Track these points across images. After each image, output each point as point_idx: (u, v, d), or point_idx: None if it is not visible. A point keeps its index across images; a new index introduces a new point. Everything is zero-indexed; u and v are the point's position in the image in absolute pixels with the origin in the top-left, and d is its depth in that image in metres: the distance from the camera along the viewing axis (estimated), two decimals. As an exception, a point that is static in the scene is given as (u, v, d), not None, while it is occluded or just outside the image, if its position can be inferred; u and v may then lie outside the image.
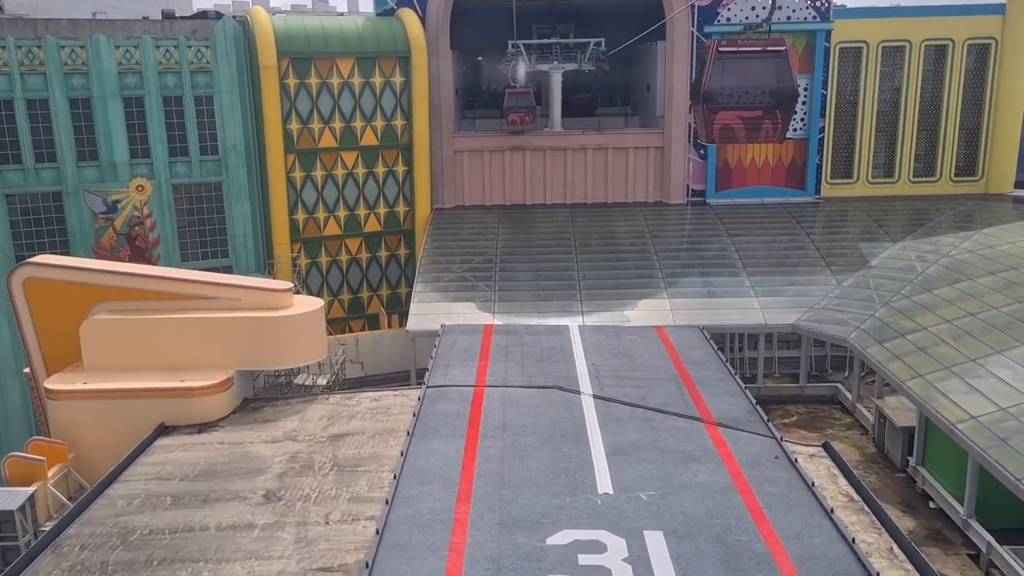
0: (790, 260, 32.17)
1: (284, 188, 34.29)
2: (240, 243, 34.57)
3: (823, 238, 33.72)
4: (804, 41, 36.55)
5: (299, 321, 21.20)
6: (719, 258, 32.49)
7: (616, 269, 31.94)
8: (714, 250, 33.35)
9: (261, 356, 20.91)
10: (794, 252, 32.75)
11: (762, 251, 32.90)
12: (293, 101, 33.70)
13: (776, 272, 31.00)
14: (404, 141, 36.22)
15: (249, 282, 22.17)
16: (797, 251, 32.85)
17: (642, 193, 38.61)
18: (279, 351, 21.05)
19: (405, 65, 35.19)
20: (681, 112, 37.12)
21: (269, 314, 20.94)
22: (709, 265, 31.95)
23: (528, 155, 38.11)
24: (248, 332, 20.63)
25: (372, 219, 36.65)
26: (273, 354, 21.05)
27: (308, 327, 21.52)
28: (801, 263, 31.83)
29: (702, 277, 30.89)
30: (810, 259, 32.06)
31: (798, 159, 38.06)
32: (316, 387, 22.98)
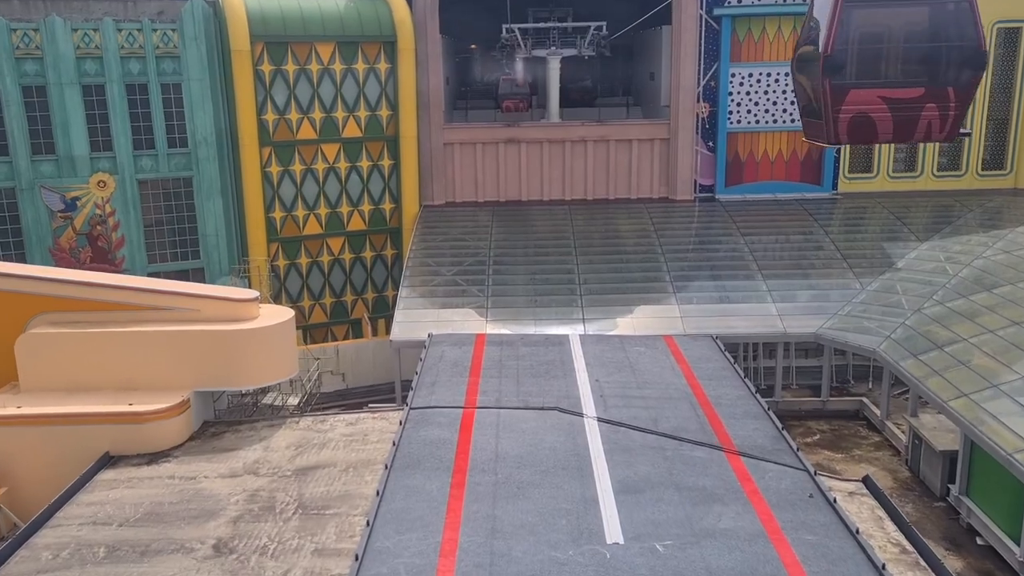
0: (808, 261, 30.21)
1: (259, 184, 32.21)
2: (212, 243, 32.48)
3: (843, 237, 31.75)
4: (821, 24, 34.40)
5: (266, 335, 19.12)
6: (731, 259, 30.50)
7: (620, 272, 29.93)
8: (726, 250, 31.36)
9: (222, 375, 18.82)
10: (812, 253, 30.77)
11: (778, 251, 30.93)
12: (268, 89, 31.58)
13: (794, 275, 29.03)
14: (390, 133, 34.14)
15: (209, 291, 20.08)
16: (815, 251, 30.88)
17: (646, 188, 36.61)
18: (243, 369, 18.95)
19: (391, 50, 33.09)
20: (688, 101, 35.11)
21: (231, 327, 18.85)
22: (721, 267, 29.95)
23: (524, 148, 36.06)
24: (207, 348, 18.54)
25: (356, 217, 34.58)
26: (236, 373, 18.95)
27: (276, 341, 19.43)
28: (820, 265, 29.86)
29: (713, 280, 28.89)
30: (830, 260, 30.09)
31: (814, 152, 36.03)
32: (286, 408, 20.90)
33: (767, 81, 35.10)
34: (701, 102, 35.29)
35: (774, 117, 35.51)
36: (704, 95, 35.29)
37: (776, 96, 35.24)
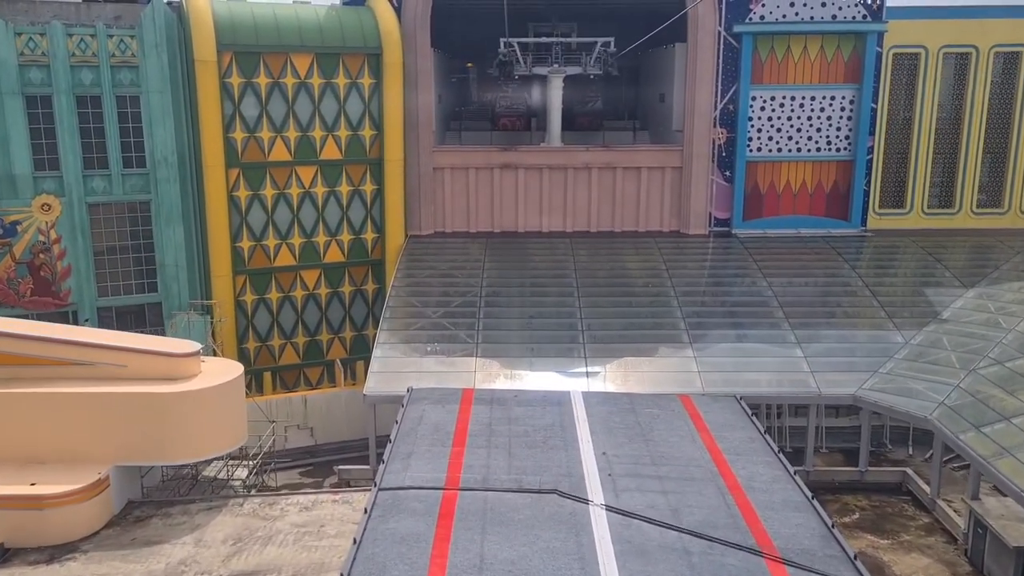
0: (840, 308, 27.47)
1: (225, 209, 29.42)
2: (171, 275, 29.62)
3: (876, 280, 29.01)
4: (851, 45, 32.05)
5: (207, 397, 16.23)
6: (753, 303, 27.72)
7: (627, 316, 27.14)
8: (746, 293, 28.58)
9: (152, 447, 15.92)
10: (845, 299, 28.03)
11: (805, 295, 28.18)
12: (237, 104, 28.88)
13: (825, 323, 26.25)
14: (373, 155, 31.44)
15: (138, 342, 17.16)
16: (847, 296, 28.13)
17: (656, 221, 33.91)
18: (177, 440, 16.04)
19: (375, 64, 30.46)
20: (704, 126, 32.52)
21: (165, 388, 15.97)
22: (741, 312, 27.16)
23: (522, 174, 33.39)
24: (134, 413, 15.65)
25: (334, 247, 31.77)
26: (169, 444, 16.03)
27: (220, 404, 16.53)
28: (854, 312, 27.13)
29: (734, 328, 26.08)
30: (864, 307, 27.32)
31: (841, 184, 33.42)
32: (232, 483, 17.89)
33: (791, 106, 32.57)
34: (718, 127, 32.72)
35: (798, 145, 32.94)
36: (721, 120, 32.72)
37: (801, 122, 32.70)
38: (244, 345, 31.07)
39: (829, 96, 32.47)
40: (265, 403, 25.68)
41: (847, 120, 32.65)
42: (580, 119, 37.74)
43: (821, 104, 32.54)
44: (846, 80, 32.32)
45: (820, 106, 32.54)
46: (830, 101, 32.52)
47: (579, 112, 38.22)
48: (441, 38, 36.07)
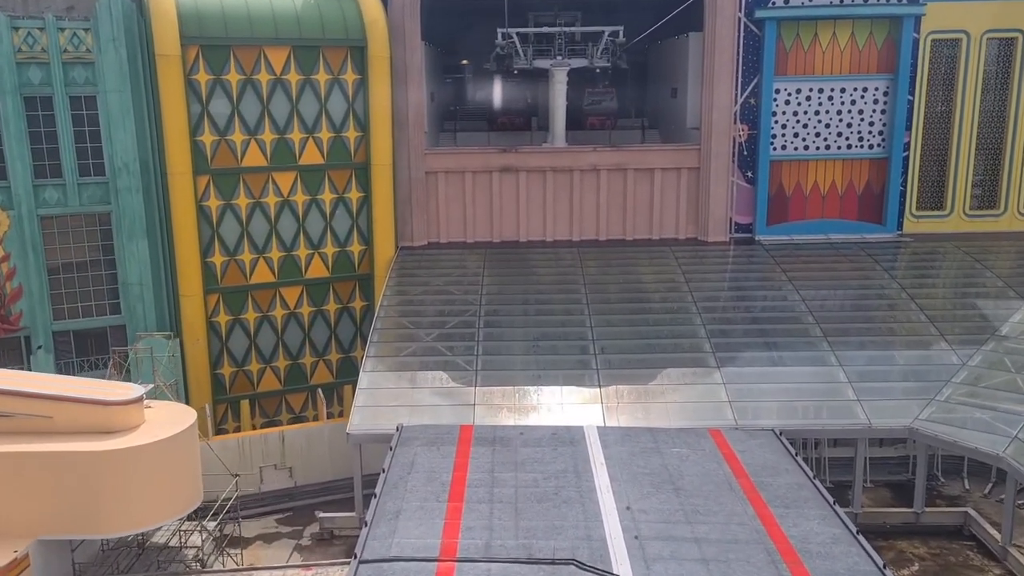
0: (884, 323, 24.95)
1: (194, 221, 26.88)
2: (135, 294, 27.09)
3: (921, 291, 26.47)
4: (885, 31, 29.55)
5: (151, 454, 13.65)
6: (785, 319, 25.20)
7: (645, 336, 24.62)
8: (776, 307, 26.08)
9: (83, 517, 13.31)
10: (887, 312, 25.51)
11: (842, 309, 25.70)
12: (205, 104, 26.34)
13: (869, 342, 23.74)
14: (359, 159, 28.90)
15: (70, 388, 14.55)
16: (891, 310, 25.61)
17: (671, 227, 31.39)
18: (114, 507, 13.44)
19: (359, 57, 27.94)
20: (723, 123, 30.02)
21: (98, 444, 13.38)
22: (773, 329, 24.64)
23: (523, 177, 30.87)
24: (61, 475, 13.06)
25: (316, 262, 29.23)
26: (103, 513, 13.43)
27: (167, 461, 13.96)
28: (900, 329, 24.63)
29: (767, 349, 23.54)
30: (911, 322, 24.80)
31: (875, 184, 30.89)
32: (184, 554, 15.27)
33: (819, 99, 30.06)
34: (738, 124, 30.18)
35: (827, 142, 30.41)
36: (742, 115, 30.20)
37: (830, 117, 30.19)
38: (218, 371, 28.48)
39: (861, 88, 29.94)
40: (236, 442, 23.08)
41: (881, 114, 30.12)
42: (591, 119, 34.62)
43: (852, 96, 30.02)
44: (879, 70, 29.79)
45: (851, 99, 30.02)
46: (862, 93, 29.99)
47: (590, 111, 35.15)
48: (434, 32, 33.64)
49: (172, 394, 22.55)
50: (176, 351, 26.85)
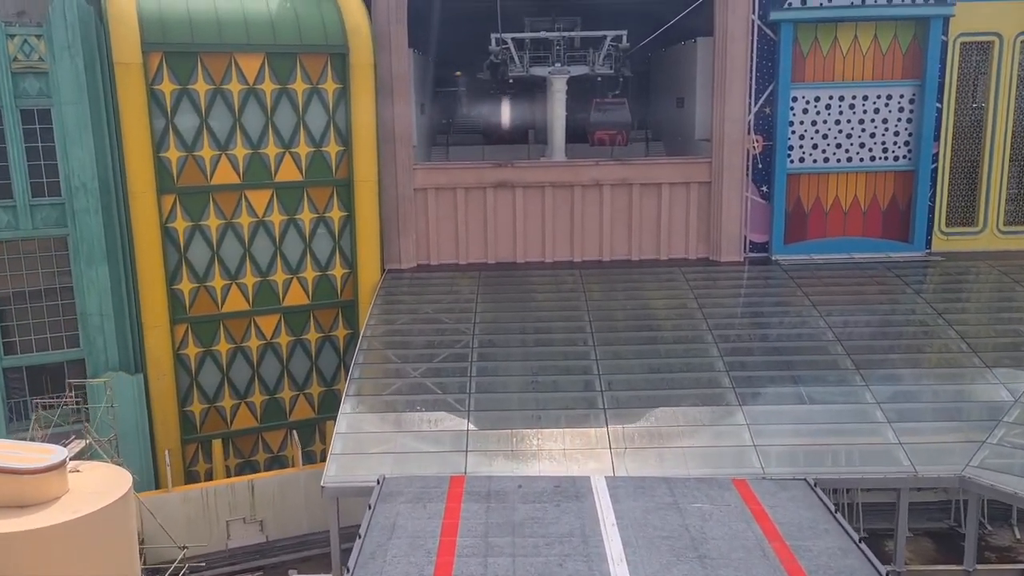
0: (921, 353, 22.75)
1: (158, 244, 24.69)
2: (95, 325, 24.88)
3: (958, 316, 24.32)
4: (911, 34, 27.57)
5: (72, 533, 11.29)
6: (811, 348, 23.02)
7: (656, 368, 22.38)
8: (799, 334, 23.90)
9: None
10: (924, 340, 23.34)
11: (874, 336, 23.57)
12: (170, 117, 24.20)
13: (907, 374, 21.57)
14: (341, 175, 26.75)
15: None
16: (927, 338, 23.45)
17: (681, 247, 29.29)
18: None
19: (341, 65, 25.85)
20: (736, 132, 27.92)
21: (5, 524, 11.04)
22: (797, 360, 22.46)
23: (520, 194, 28.79)
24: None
25: (295, 288, 27.02)
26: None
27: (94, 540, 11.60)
28: (940, 359, 22.38)
29: (792, 384, 21.33)
30: (951, 351, 22.59)
31: (900, 199, 28.79)
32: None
33: (839, 107, 28.03)
34: (752, 134, 28.11)
35: (848, 154, 28.36)
36: (756, 125, 28.15)
37: (851, 127, 28.13)
38: (187, 408, 26.18)
39: (885, 95, 27.90)
40: (199, 493, 20.75)
41: (906, 123, 28.07)
42: (598, 133, 31.43)
43: (875, 104, 27.98)
44: (905, 75, 27.79)
45: (874, 107, 27.98)
46: (886, 101, 27.95)
47: (598, 124, 31.87)
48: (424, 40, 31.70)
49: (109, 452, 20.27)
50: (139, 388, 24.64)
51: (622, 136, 30.25)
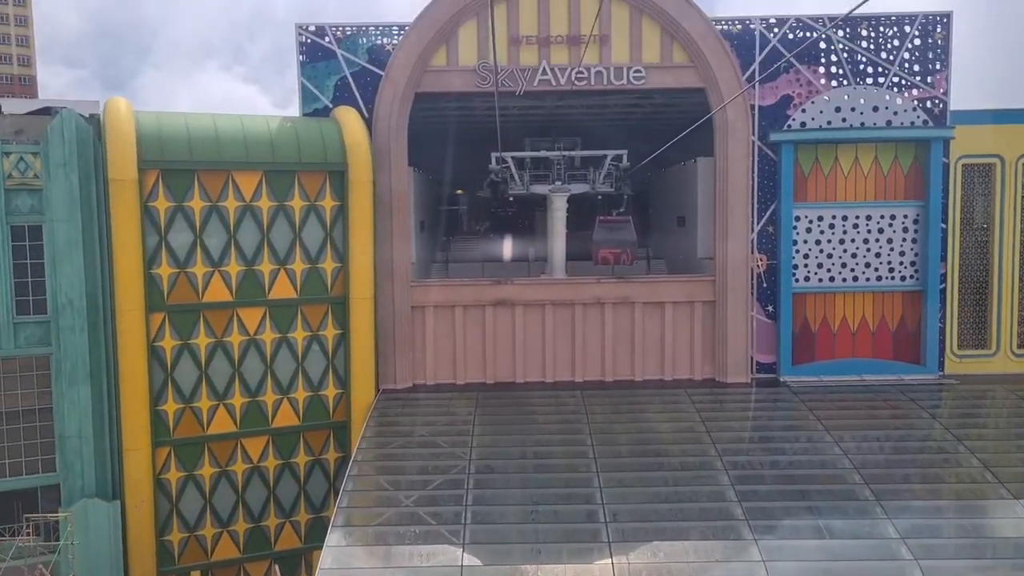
0: (946, 483, 21.54)
1: (144, 363, 23.92)
2: (74, 448, 23.88)
3: (978, 443, 23.30)
4: (911, 155, 27.64)
5: None
6: (826, 477, 21.89)
7: (666, 500, 21.21)
8: (813, 462, 22.80)
9: None
10: (947, 469, 22.26)
11: (891, 464, 22.46)
12: (164, 233, 23.89)
13: (932, 506, 20.33)
14: (337, 293, 26.24)
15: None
16: (950, 467, 22.34)
17: (685, 367, 28.49)
18: None
19: (339, 182, 25.76)
20: (739, 251, 27.59)
21: None
22: (814, 490, 21.27)
23: (519, 312, 28.24)
24: None
25: (285, 408, 26.10)
26: None
27: None
28: (967, 490, 21.18)
29: (811, 516, 20.12)
30: (974, 480, 21.48)
31: (910, 320, 28.17)
32: None
33: (843, 226, 27.80)
34: (756, 253, 27.73)
35: (854, 273, 27.94)
36: (759, 244, 27.83)
37: (856, 246, 27.84)
38: (166, 537, 24.78)
39: (888, 215, 27.72)
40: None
41: (912, 243, 27.75)
42: (602, 252, 29.69)
43: (879, 224, 27.76)
44: (907, 196, 27.69)
45: (878, 227, 27.76)
46: (890, 221, 27.74)
47: (602, 243, 29.86)
48: (425, 158, 31.97)
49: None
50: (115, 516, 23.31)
51: (627, 255, 29.26)
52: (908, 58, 27.23)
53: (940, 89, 27.18)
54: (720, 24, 27.09)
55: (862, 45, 27.23)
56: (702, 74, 27.16)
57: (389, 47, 27.08)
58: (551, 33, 27.09)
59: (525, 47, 27.11)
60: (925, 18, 27.14)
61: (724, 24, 27.19)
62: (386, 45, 27.14)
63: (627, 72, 27.16)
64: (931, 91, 27.18)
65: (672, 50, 27.26)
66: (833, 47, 27.27)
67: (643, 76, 27.21)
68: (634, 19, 27.11)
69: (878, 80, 27.26)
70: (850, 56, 27.29)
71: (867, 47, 27.23)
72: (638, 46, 27.24)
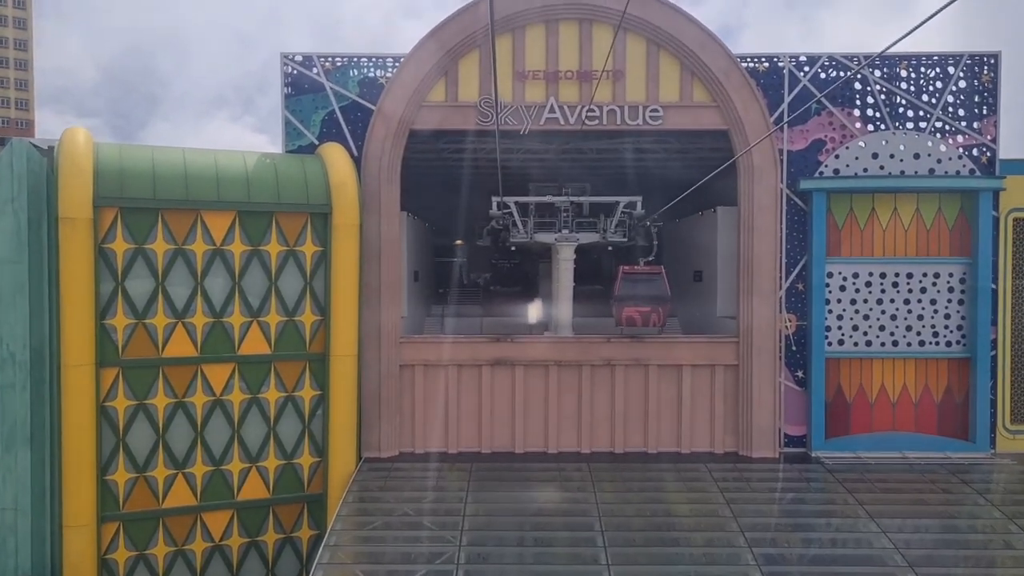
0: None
1: (92, 426, 21.23)
2: (7, 523, 21.16)
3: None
4: (956, 207, 25.22)
5: None
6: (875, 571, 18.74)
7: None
8: (858, 556, 19.73)
9: None
10: (1014, 567, 19.06)
11: (950, 561, 19.33)
12: (120, 279, 21.38)
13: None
14: (316, 349, 23.62)
15: None
16: (1017, 565, 19.18)
17: (704, 439, 25.77)
18: None
19: (322, 226, 23.32)
20: (766, 311, 25.03)
21: None
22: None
23: (520, 372, 25.66)
24: None
25: (254, 479, 23.33)
26: None
27: None
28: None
29: (860, 626, 16.94)
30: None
31: (956, 390, 25.45)
32: None
33: (881, 284, 25.25)
34: (784, 313, 25.16)
35: (894, 337, 25.32)
36: (788, 303, 25.27)
37: (896, 307, 25.27)
38: (109, 628, 21.70)
39: (932, 273, 25.20)
40: None
41: (958, 305, 25.18)
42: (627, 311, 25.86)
43: (921, 283, 25.21)
44: (953, 252, 25.19)
45: (920, 285, 25.20)
46: (933, 280, 25.20)
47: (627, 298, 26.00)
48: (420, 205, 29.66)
49: None
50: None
51: (658, 315, 25.54)
52: (952, 101, 25.01)
53: (988, 136, 24.89)
54: (745, 61, 24.94)
55: (901, 87, 25.05)
56: (725, 115, 24.93)
57: (383, 80, 24.94)
58: (560, 68, 24.96)
59: (531, 82, 24.96)
60: (971, 58, 24.97)
61: (750, 61, 25.04)
62: (379, 78, 25.00)
63: (643, 111, 24.95)
64: (978, 137, 24.89)
65: (692, 88, 25.07)
66: (869, 88, 25.07)
67: (660, 116, 24.99)
68: (651, 54, 24.98)
69: (919, 125, 25.00)
70: (888, 98, 25.08)
71: (907, 88, 25.04)
72: (655, 83, 25.07)
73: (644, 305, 25.33)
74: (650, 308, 25.35)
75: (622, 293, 26.01)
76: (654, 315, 25.63)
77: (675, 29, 24.62)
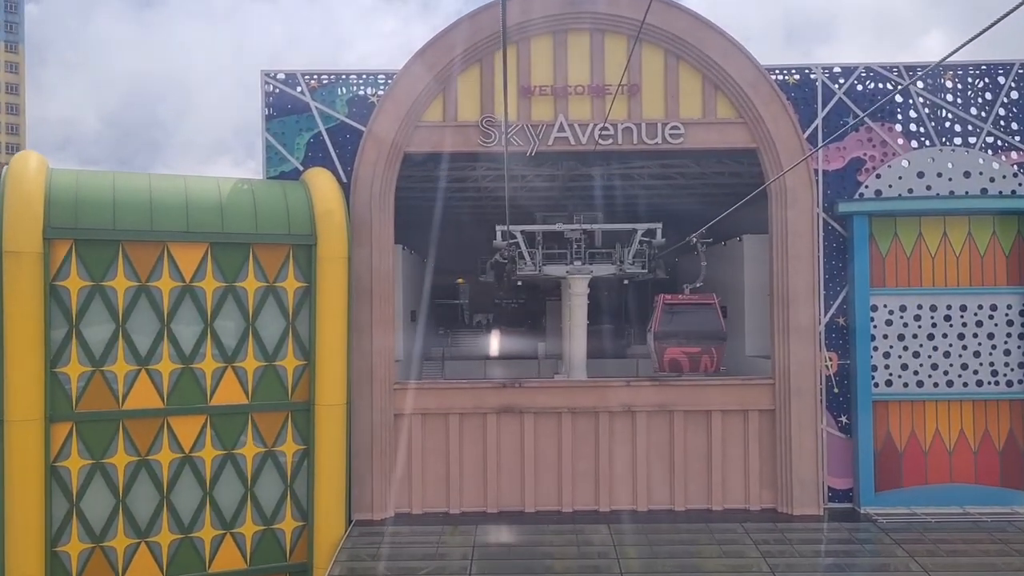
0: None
1: (39, 492, 18.68)
2: (-59, 604, 18.14)
3: None
4: (1013, 231, 23.00)
5: None
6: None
7: None
8: (929, 635, 16.97)
9: None
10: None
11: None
12: (75, 322, 18.96)
13: None
14: (299, 398, 21.15)
15: None
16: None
17: (739, 494, 23.27)
18: None
19: (306, 260, 20.99)
20: (805, 349, 22.57)
21: None
22: None
23: (530, 421, 23.23)
24: None
25: (228, 547, 20.76)
26: None
27: None
28: None
29: None
30: None
31: (1020, 436, 22.88)
32: None
33: (931, 318, 22.84)
34: (824, 351, 22.69)
35: (948, 376, 22.83)
36: (828, 340, 22.79)
37: (949, 343, 22.81)
38: None
39: (988, 304, 22.81)
40: None
41: (1019, 339, 22.71)
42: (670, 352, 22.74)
43: (977, 316, 22.80)
44: (1011, 281, 22.86)
45: (976, 319, 22.79)
46: (990, 312, 22.80)
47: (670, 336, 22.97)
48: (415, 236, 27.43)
49: None
50: None
51: (711, 357, 22.37)
52: (1004, 114, 22.87)
53: (1046, 151, 22.70)
54: (774, 73, 22.84)
55: (947, 99, 22.91)
56: (753, 132, 22.76)
57: (374, 98, 22.83)
58: (569, 83, 22.89)
59: (538, 98, 22.87)
60: (1023, 67, 22.85)
61: (779, 73, 22.94)
62: (370, 96, 22.90)
63: (661, 129, 22.78)
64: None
65: (716, 103, 22.96)
66: (912, 101, 22.92)
67: (681, 134, 22.81)
68: (670, 66, 22.89)
69: (968, 140, 22.81)
70: (932, 112, 22.91)
71: (953, 101, 22.90)
72: (675, 98, 22.96)
73: (692, 344, 22.40)
74: (700, 348, 22.48)
75: (664, 329, 22.99)
76: (706, 357, 22.52)
77: (696, 39, 22.60)
